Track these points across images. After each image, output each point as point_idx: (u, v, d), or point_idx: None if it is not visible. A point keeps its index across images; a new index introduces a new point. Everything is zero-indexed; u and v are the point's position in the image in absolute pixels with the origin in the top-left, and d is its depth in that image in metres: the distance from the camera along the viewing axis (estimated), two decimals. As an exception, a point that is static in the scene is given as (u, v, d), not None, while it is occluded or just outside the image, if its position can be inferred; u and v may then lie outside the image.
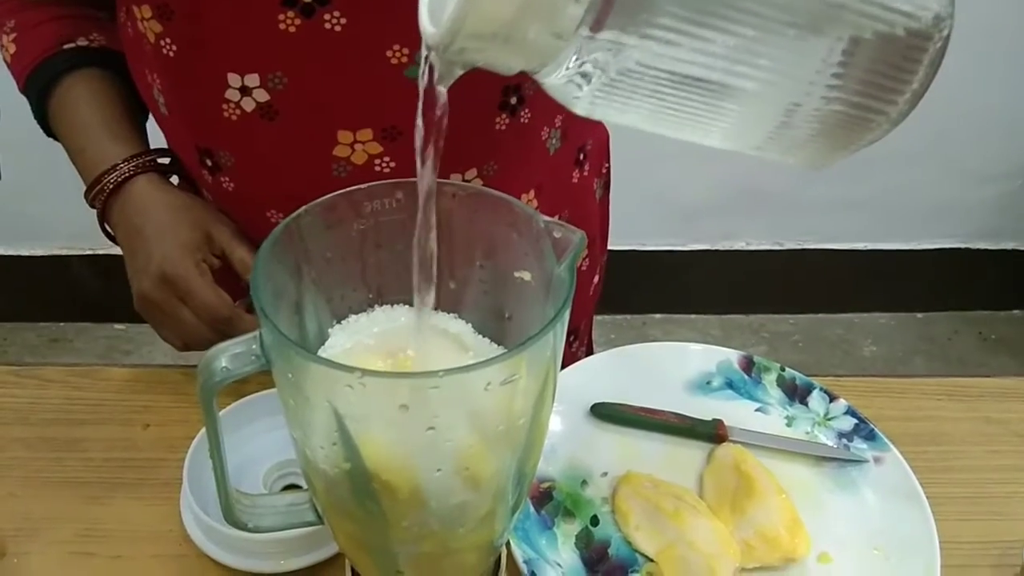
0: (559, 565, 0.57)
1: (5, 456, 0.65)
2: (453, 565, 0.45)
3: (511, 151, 0.68)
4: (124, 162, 0.69)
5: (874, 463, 0.63)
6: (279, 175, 0.66)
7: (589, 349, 0.96)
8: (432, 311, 0.45)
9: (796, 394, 0.68)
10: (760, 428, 0.66)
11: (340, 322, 0.47)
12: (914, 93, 0.35)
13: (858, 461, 0.63)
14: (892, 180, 1.93)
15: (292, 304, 0.44)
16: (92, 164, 0.70)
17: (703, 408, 0.67)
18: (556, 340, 0.39)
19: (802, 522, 0.60)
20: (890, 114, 0.36)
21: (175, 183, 0.73)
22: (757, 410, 0.68)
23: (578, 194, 0.80)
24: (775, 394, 0.69)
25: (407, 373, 0.40)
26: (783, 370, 0.70)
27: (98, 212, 0.71)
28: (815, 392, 0.68)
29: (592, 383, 0.67)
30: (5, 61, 0.73)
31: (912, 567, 0.56)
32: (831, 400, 0.67)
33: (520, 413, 0.39)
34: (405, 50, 0.59)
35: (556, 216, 0.76)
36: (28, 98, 0.73)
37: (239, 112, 0.62)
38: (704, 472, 0.64)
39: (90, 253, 1.91)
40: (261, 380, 0.56)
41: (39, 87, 0.71)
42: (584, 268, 0.85)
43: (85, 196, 0.71)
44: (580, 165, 0.78)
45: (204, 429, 0.41)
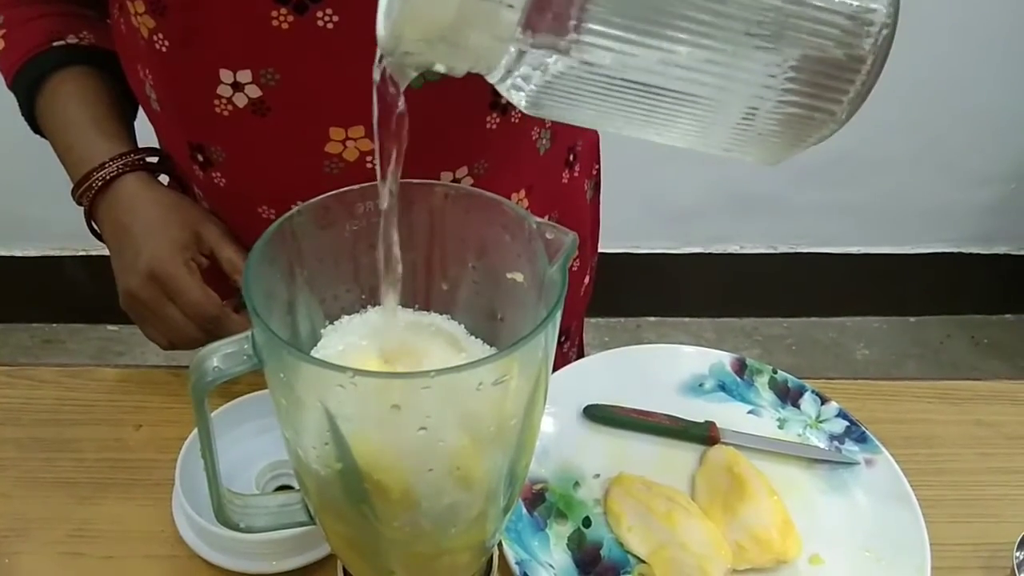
0: (551, 566, 0.57)
1: (-4, 456, 0.65)
2: (445, 565, 0.45)
3: (501, 150, 0.68)
4: (112, 160, 0.69)
5: (865, 465, 0.63)
6: (271, 171, 0.66)
7: (580, 351, 0.96)
8: (402, 309, 0.46)
9: (788, 396, 0.69)
10: (752, 430, 0.66)
11: (333, 323, 0.47)
12: (857, 93, 0.37)
13: (849, 463, 0.64)
14: (885, 184, 1.93)
15: (285, 304, 0.44)
16: (80, 161, 0.70)
17: (695, 410, 0.67)
18: (548, 341, 0.39)
19: (793, 524, 0.60)
20: (838, 114, 0.37)
21: (163, 182, 0.73)
22: (749, 412, 0.68)
23: (568, 195, 0.80)
24: (767, 396, 0.69)
25: (399, 373, 0.40)
26: (775, 372, 0.70)
27: (85, 210, 0.71)
28: (807, 394, 0.68)
29: (585, 385, 0.68)
30: None
31: (903, 569, 0.57)
32: (823, 402, 0.68)
33: (512, 414, 0.39)
34: None
35: (546, 216, 0.76)
36: (16, 94, 0.72)
37: (231, 108, 0.62)
38: (696, 474, 0.64)
39: (83, 254, 1.90)
40: (252, 381, 0.56)
41: (27, 83, 0.71)
42: (575, 269, 0.85)
43: (72, 193, 0.70)
44: (570, 166, 0.79)
45: (196, 429, 0.42)
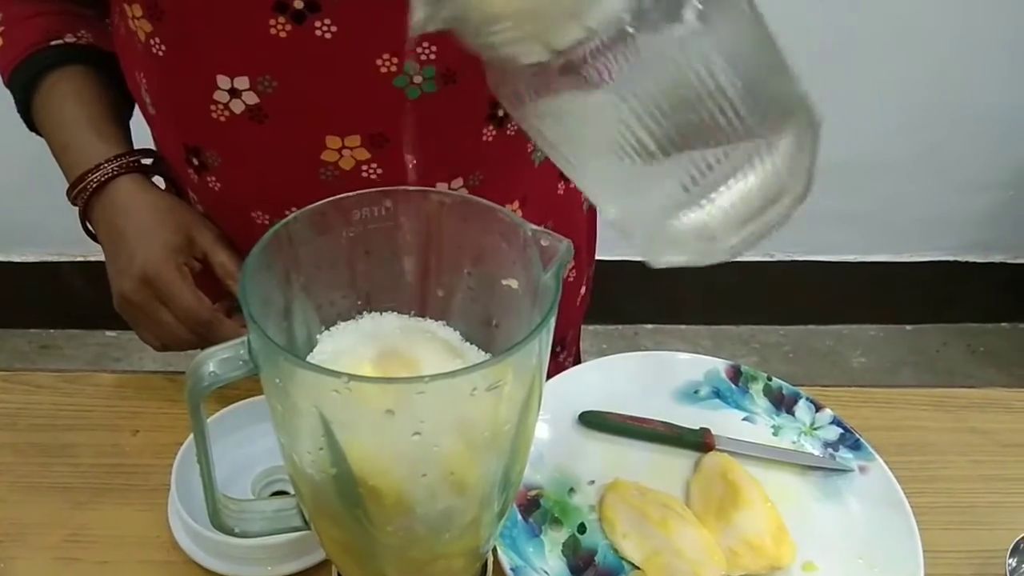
0: (546, 572, 0.57)
1: (-7, 461, 0.65)
2: (439, 570, 0.45)
3: (497, 162, 0.69)
4: (108, 162, 0.69)
5: (859, 472, 0.64)
6: (266, 177, 0.66)
7: (577, 360, 0.96)
8: (398, 315, 0.46)
9: (783, 404, 0.69)
10: (747, 437, 0.67)
11: (329, 329, 0.47)
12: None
13: (843, 470, 0.64)
14: (882, 193, 1.94)
15: (281, 310, 0.44)
16: (75, 162, 0.70)
17: (690, 417, 0.67)
18: (542, 347, 0.39)
19: (787, 530, 0.60)
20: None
21: (159, 184, 0.73)
22: (744, 419, 0.68)
23: (563, 206, 0.80)
24: (762, 403, 0.69)
25: (393, 378, 0.41)
26: (770, 380, 0.70)
27: (80, 210, 0.71)
28: (801, 402, 0.69)
29: (580, 391, 0.68)
30: None
31: (896, 576, 0.57)
32: (817, 410, 0.68)
33: (505, 419, 0.39)
34: (394, 59, 0.59)
35: (541, 227, 0.77)
36: (13, 92, 0.72)
37: (227, 113, 0.62)
38: (691, 480, 0.64)
39: (81, 260, 1.90)
40: (248, 387, 0.56)
41: (24, 81, 0.71)
42: (571, 280, 0.85)
43: (68, 193, 0.70)
44: (565, 177, 0.79)
45: (192, 434, 0.42)
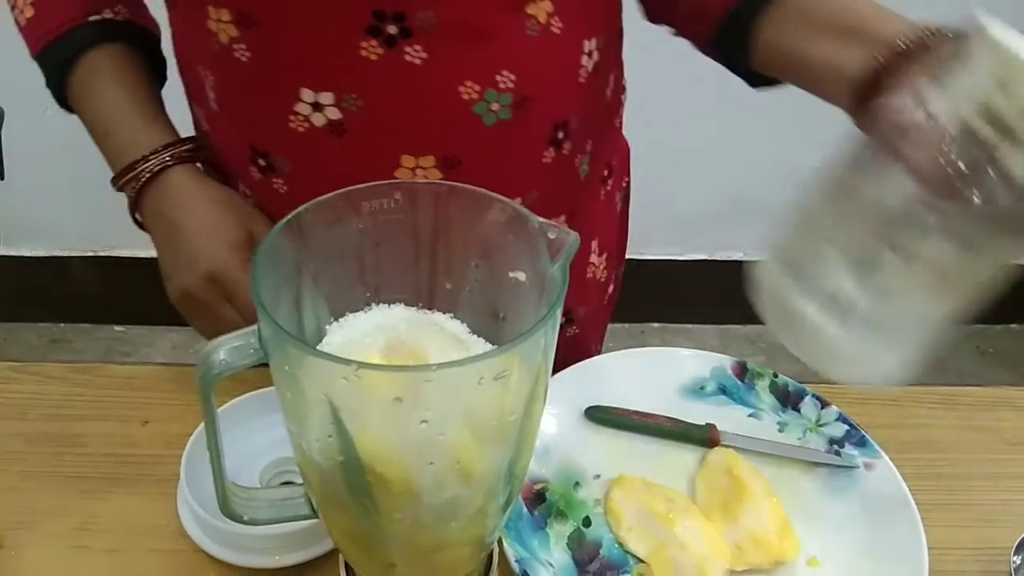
0: (551, 565, 0.57)
1: (5, 451, 0.65)
2: (445, 559, 0.46)
3: (551, 181, 0.70)
4: (156, 152, 0.68)
5: (865, 469, 0.64)
6: (336, 187, 0.66)
7: None
8: (406, 307, 0.47)
9: (788, 400, 0.69)
10: (752, 433, 0.67)
11: (338, 320, 0.47)
12: None
13: (849, 467, 0.64)
14: (890, 192, 1.93)
15: (291, 301, 0.45)
16: (121, 149, 0.69)
17: (696, 413, 0.68)
18: (548, 338, 0.39)
19: (792, 526, 0.60)
20: None
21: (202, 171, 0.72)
22: (750, 415, 0.69)
23: (603, 211, 0.81)
24: (768, 400, 0.69)
25: (401, 366, 0.41)
26: (776, 376, 0.70)
27: (130, 200, 0.70)
28: (807, 398, 0.69)
29: (587, 386, 0.68)
30: (18, 24, 0.71)
31: (900, 573, 0.57)
32: (823, 406, 0.68)
33: (511, 409, 0.39)
34: (476, 87, 0.61)
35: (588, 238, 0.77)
36: (43, 66, 0.70)
37: (307, 125, 0.62)
38: (696, 476, 0.64)
39: (91, 254, 1.91)
40: (257, 380, 0.56)
41: (62, 58, 0.69)
42: (601, 280, 0.85)
43: (113, 181, 0.69)
44: (604, 182, 0.80)
45: (202, 425, 0.42)
